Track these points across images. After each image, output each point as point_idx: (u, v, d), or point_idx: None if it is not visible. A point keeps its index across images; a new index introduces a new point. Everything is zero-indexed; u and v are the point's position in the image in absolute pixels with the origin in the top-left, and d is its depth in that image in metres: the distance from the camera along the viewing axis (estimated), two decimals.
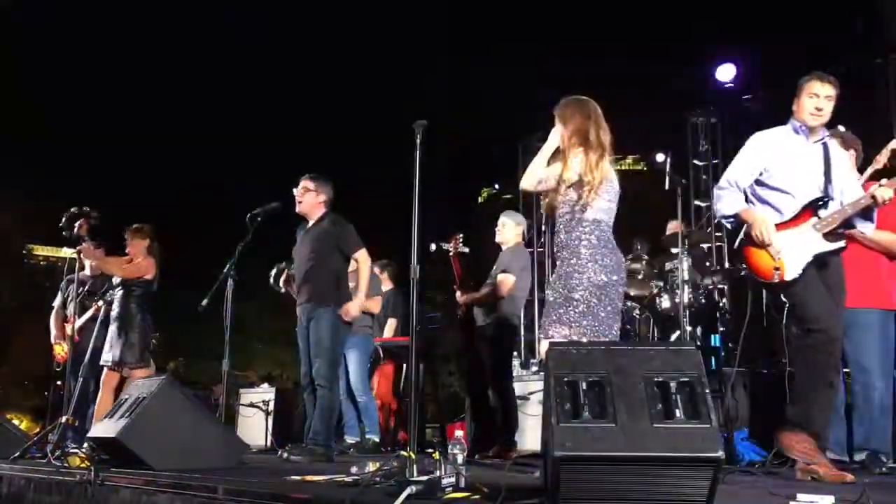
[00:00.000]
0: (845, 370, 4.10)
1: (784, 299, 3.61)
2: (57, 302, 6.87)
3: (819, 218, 3.59)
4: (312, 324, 5.13)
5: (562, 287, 3.63)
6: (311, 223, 5.35)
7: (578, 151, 3.70)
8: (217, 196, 22.09)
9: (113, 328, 5.95)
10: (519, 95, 9.73)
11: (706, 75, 9.50)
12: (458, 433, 4.38)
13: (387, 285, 7.30)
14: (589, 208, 3.64)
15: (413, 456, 2.74)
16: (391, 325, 7.20)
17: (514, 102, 9.76)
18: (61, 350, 6.68)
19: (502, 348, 5.64)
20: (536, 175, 3.78)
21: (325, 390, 5.04)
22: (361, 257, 5.30)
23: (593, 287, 3.57)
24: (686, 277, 5.62)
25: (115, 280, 6.10)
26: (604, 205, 3.68)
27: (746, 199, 3.78)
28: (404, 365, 6.95)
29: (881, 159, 4.10)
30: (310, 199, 5.29)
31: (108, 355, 5.89)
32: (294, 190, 5.34)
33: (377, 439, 6.41)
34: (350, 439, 6.40)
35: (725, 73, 9.28)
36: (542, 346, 3.70)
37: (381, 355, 6.99)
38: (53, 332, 6.86)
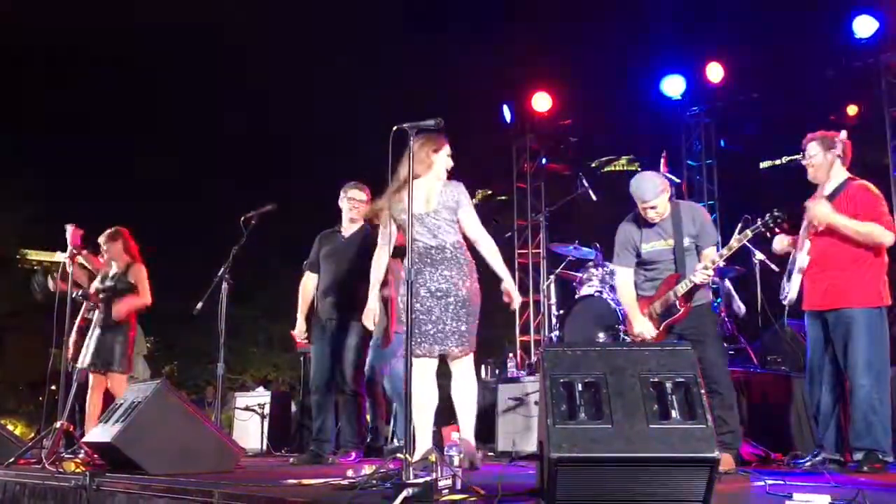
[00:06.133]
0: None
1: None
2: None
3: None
4: (343, 332, 5.09)
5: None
6: (352, 231, 5.24)
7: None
8: (212, 198, 22.00)
9: (100, 332, 5.91)
10: (514, 95, 9.67)
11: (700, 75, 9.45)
12: (455, 435, 4.31)
13: None
14: None
15: (409, 458, 2.74)
16: None
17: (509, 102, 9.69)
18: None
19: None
20: None
21: (359, 396, 5.14)
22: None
23: None
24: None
25: (105, 284, 6.03)
26: None
27: None
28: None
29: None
30: (363, 210, 5.16)
31: (96, 359, 5.83)
32: (346, 198, 5.22)
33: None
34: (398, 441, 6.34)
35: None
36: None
37: None
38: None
